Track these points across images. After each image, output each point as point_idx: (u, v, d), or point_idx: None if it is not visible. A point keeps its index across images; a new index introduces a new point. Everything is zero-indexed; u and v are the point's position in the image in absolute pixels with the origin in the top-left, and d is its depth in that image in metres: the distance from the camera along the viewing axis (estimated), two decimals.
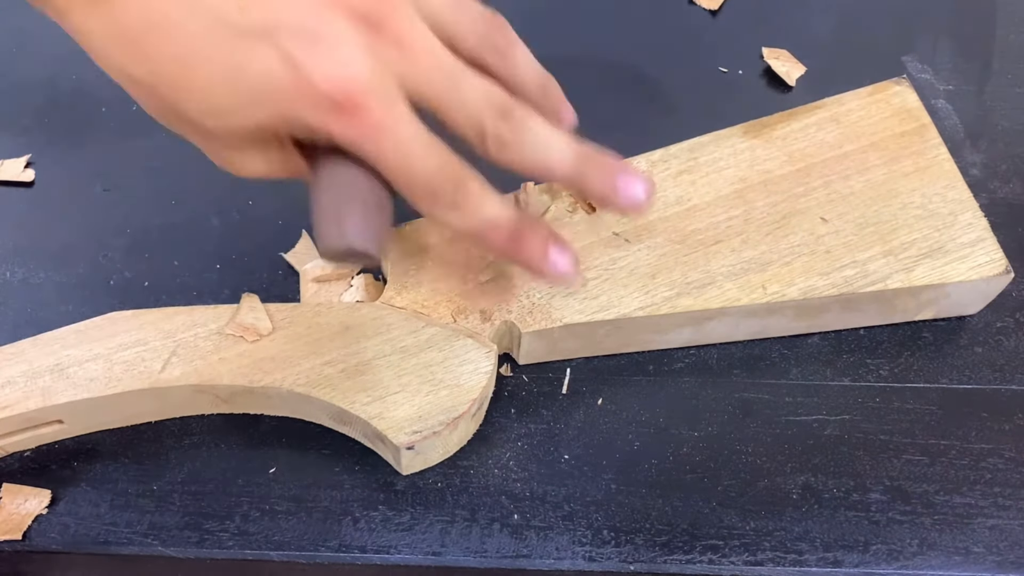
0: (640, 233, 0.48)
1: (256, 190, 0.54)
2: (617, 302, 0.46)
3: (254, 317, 0.44)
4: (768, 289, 0.46)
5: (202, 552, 0.43)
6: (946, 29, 0.63)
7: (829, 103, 0.53)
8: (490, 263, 0.47)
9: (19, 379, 0.43)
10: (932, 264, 0.47)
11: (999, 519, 0.44)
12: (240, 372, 0.43)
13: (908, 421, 0.47)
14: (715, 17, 0.63)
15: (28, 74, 0.59)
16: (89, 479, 0.45)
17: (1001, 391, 0.48)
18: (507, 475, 0.45)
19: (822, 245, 0.48)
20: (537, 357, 0.48)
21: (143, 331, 0.44)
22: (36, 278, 0.51)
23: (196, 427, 0.46)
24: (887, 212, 0.49)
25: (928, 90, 0.59)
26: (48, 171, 0.55)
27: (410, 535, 0.43)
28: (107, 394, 0.43)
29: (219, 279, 0.50)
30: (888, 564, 0.43)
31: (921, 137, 0.51)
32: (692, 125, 0.53)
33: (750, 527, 0.44)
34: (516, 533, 0.43)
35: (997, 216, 0.52)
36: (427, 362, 0.44)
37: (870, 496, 0.45)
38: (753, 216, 0.49)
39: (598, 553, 0.43)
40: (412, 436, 0.42)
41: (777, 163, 0.51)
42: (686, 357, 0.49)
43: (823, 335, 0.50)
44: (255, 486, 0.45)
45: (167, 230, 0.52)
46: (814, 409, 0.47)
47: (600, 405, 0.47)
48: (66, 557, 0.43)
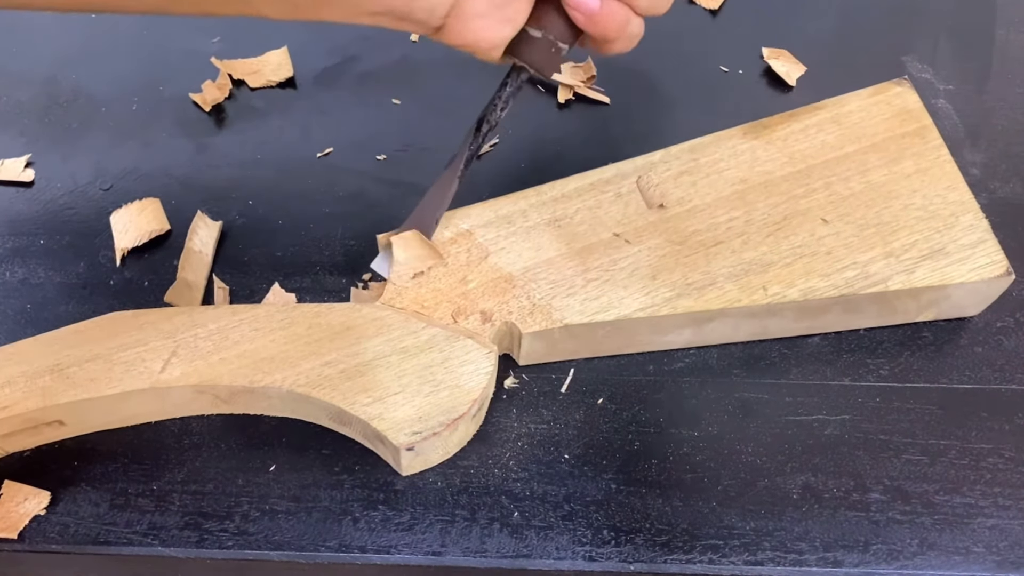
0: (641, 234, 0.48)
1: (256, 190, 0.54)
2: (617, 303, 0.46)
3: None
4: (769, 290, 0.46)
5: (202, 552, 0.43)
6: (946, 29, 0.63)
7: (830, 104, 0.53)
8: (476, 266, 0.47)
9: (19, 379, 0.43)
10: (933, 266, 0.47)
11: (999, 519, 0.44)
12: (240, 372, 0.43)
13: (908, 421, 0.47)
14: (715, 17, 0.63)
15: (28, 74, 0.59)
16: (89, 479, 0.44)
17: (1001, 391, 0.48)
18: (507, 475, 0.45)
19: (823, 246, 0.48)
20: (537, 358, 0.48)
21: (143, 331, 0.44)
22: (36, 278, 0.51)
23: (196, 427, 0.46)
24: (888, 213, 0.49)
25: (928, 90, 0.59)
26: (48, 171, 0.55)
27: (410, 535, 0.43)
28: (107, 394, 0.43)
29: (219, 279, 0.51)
30: (888, 564, 0.43)
31: (922, 138, 0.51)
32: (692, 125, 0.53)
33: (750, 527, 0.44)
34: (516, 533, 0.43)
35: (997, 216, 0.52)
36: (427, 363, 0.44)
37: (870, 496, 0.45)
38: (754, 217, 0.49)
39: (598, 553, 0.43)
40: (412, 437, 0.42)
41: (778, 164, 0.51)
42: (686, 357, 0.49)
43: (823, 335, 0.50)
44: (255, 486, 0.45)
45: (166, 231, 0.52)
46: (814, 409, 0.47)
47: (600, 405, 0.47)
48: (66, 557, 0.43)
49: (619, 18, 0.42)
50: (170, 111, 0.58)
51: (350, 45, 0.61)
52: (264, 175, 0.55)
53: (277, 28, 0.61)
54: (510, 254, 0.47)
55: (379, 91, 0.59)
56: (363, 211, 0.53)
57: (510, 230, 0.48)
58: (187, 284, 0.49)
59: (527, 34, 0.43)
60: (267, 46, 0.60)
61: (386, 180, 0.55)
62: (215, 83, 0.58)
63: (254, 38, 0.61)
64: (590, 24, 0.42)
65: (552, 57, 0.43)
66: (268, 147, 0.56)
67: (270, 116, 0.58)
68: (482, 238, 0.48)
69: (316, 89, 0.59)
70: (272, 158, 0.56)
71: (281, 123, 0.57)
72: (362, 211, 0.53)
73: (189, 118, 0.57)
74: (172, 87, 0.59)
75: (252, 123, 0.57)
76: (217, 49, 0.60)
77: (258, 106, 0.58)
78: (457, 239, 0.48)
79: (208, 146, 0.56)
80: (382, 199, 0.54)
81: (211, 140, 0.57)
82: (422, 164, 0.55)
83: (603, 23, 0.42)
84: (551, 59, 0.43)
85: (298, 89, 0.59)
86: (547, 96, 0.59)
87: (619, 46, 0.44)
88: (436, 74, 0.60)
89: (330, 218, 0.53)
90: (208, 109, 0.58)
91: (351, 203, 0.54)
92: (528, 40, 0.43)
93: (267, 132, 0.57)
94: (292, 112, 0.58)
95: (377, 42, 0.61)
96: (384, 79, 0.59)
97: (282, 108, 0.58)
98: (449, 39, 0.41)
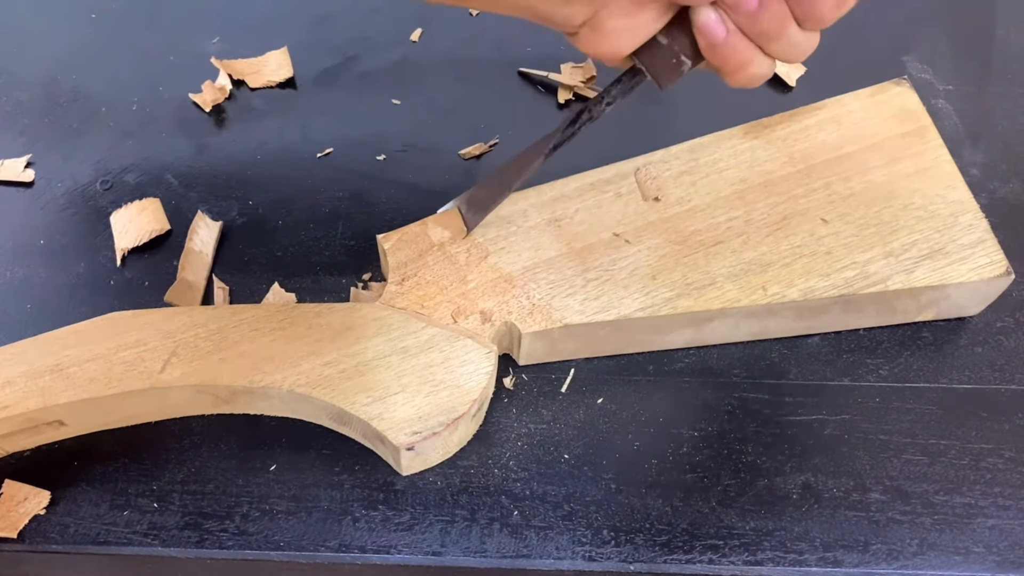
0: (640, 234, 0.48)
1: (256, 190, 0.54)
2: (617, 303, 0.46)
3: None
4: (768, 290, 0.46)
5: (202, 552, 0.43)
6: (946, 29, 0.63)
7: (830, 104, 0.53)
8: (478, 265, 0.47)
9: (19, 379, 0.43)
10: (933, 265, 0.47)
11: (999, 519, 0.44)
12: (240, 372, 0.43)
13: (908, 421, 0.47)
14: None
15: (28, 74, 0.59)
16: (89, 479, 0.44)
17: (1001, 391, 0.48)
18: (507, 475, 0.45)
19: (823, 246, 0.48)
20: (537, 358, 0.48)
21: (143, 331, 0.44)
22: (36, 278, 0.51)
23: (196, 427, 0.46)
24: (888, 213, 0.49)
25: (928, 90, 0.59)
26: (48, 171, 0.55)
27: (410, 535, 0.43)
28: (107, 394, 0.43)
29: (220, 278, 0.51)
30: (888, 564, 0.43)
31: (922, 138, 0.51)
32: (692, 125, 0.53)
33: (750, 527, 0.44)
34: (516, 533, 0.43)
35: (997, 216, 0.52)
36: (427, 363, 0.44)
37: (870, 496, 0.45)
38: (753, 217, 0.49)
39: (598, 553, 0.43)
40: (412, 437, 0.42)
41: (778, 164, 0.51)
42: (686, 357, 0.49)
43: (823, 335, 0.50)
44: (255, 486, 0.45)
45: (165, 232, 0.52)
46: (814, 409, 0.47)
47: (600, 405, 0.47)
48: (66, 557, 0.43)
49: (742, 55, 0.41)
50: (170, 111, 0.58)
51: (350, 45, 0.61)
52: (264, 175, 0.55)
53: (277, 28, 0.61)
54: (510, 254, 0.47)
55: (379, 91, 0.59)
56: (363, 211, 0.53)
57: (510, 230, 0.48)
58: (187, 284, 0.49)
59: (654, 40, 0.41)
60: (267, 46, 0.60)
61: (386, 180, 0.55)
62: (215, 83, 0.58)
63: (254, 38, 0.61)
64: (711, 52, 0.41)
65: (673, 68, 0.42)
66: (268, 147, 0.56)
67: (270, 116, 0.58)
68: (482, 238, 0.48)
69: (316, 89, 0.59)
70: (272, 158, 0.56)
71: (281, 123, 0.57)
72: (362, 211, 0.53)
73: (189, 118, 0.57)
74: (172, 87, 0.59)
75: (252, 123, 0.57)
76: (217, 49, 0.60)
77: (258, 106, 0.58)
78: (456, 239, 0.48)
79: (208, 146, 0.56)
80: (382, 199, 0.54)
81: (211, 140, 0.57)
82: (422, 164, 0.55)
83: (724, 55, 0.41)
84: (671, 69, 0.42)
85: (298, 89, 0.59)
86: (547, 96, 0.59)
87: (740, 81, 0.43)
88: (436, 74, 0.60)
89: (330, 218, 0.53)
90: (208, 109, 0.58)
91: (351, 203, 0.54)
92: (654, 45, 0.42)
93: (267, 132, 0.57)
94: (292, 112, 0.58)
95: (377, 42, 0.61)
96: (384, 79, 0.59)
97: (282, 108, 0.58)
98: (579, 46, 0.41)
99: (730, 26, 0.40)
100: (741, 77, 0.42)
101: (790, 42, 0.41)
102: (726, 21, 0.40)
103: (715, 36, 0.40)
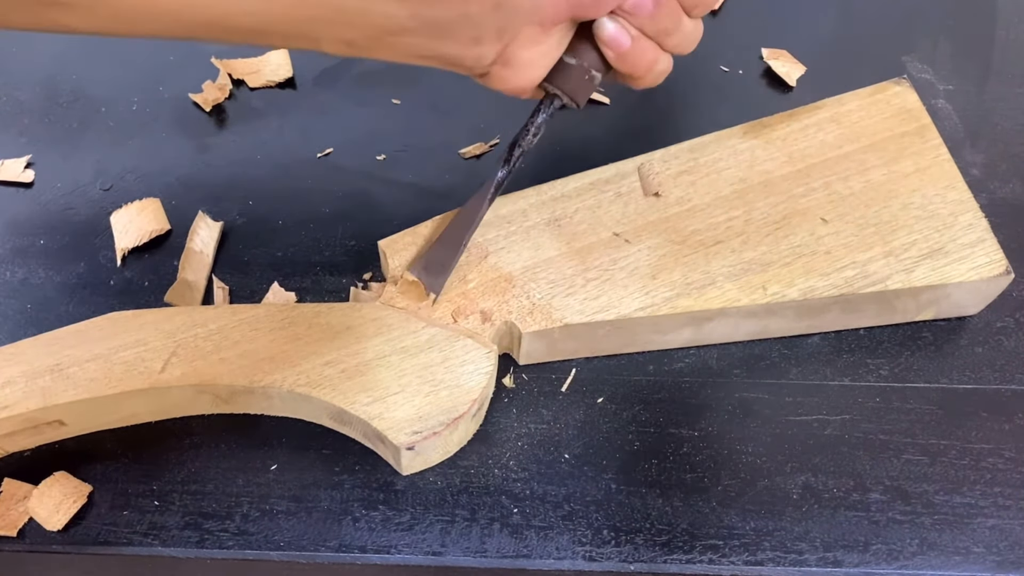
0: (640, 234, 0.48)
1: (256, 190, 0.54)
2: (617, 303, 0.46)
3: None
4: (768, 290, 0.46)
5: (202, 552, 0.43)
6: (946, 29, 0.63)
7: (829, 103, 0.53)
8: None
9: (19, 379, 0.43)
10: (932, 265, 0.47)
11: (999, 519, 0.44)
12: (240, 372, 0.43)
13: (908, 421, 0.47)
14: (715, 17, 0.63)
15: (28, 74, 0.59)
16: (89, 479, 0.44)
17: (1001, 391, 0.48)
18: (507, 475, 0.45)
19: (822, 246, 0.48)
20: (537, 357, 0.48)
21: (143, 331, 0.44)
22: (36, 278, 0.51)
23: (196, 427, 0.46)
24: (887, 213, 0.49)
25: (928, 90, 0.59)
26: (48, 171, 0.55)
27: (410, 535, 0.43)
28: (107, 394, 0.43)
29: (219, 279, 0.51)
30: (888, 564, 0.43)
31: (921, 137, 0.51)
32: (692, 125, 0.53)
33: (750, 527, 0.44)
34: (516, 533, 0.43)
35: (997, 216, 0.52)
36: (427, 363, 0.44)
37: (870, 496, 0.45)
38: (753, 217, 0.49)
39: (598, 553, 0.43)
40: (412, 436, 0.42)
41: (777, 164, 0.51)
42: (686, 357, 0.49)
43: (823, 335, 0.50)
44: (255, 486, 0.45)
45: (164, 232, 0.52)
46: (814, 409, 0.47)
47: (600, 405, 0.47)
48: (66, 557, 0.43)
49: (648, 57, 0.42)
50: (170, 111, 0.58)
51: None
52: (264, 175, 0.55)
53: None
54: (510, 254, 0.47)
55: (379, 91, 0.59)
56: (363, 211, 0.53)
57: (510, 230, 0.48)
58: (187, 284, 0.49)
59: (562, 62, 0.42)
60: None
61: (386, 180, 0.55)
62: (215, 83, 0.58)
63: None
64: (620, 61, 0.42)
65: (586, 84, 0.43)
66: (268, 147, 0.56)
67: (270, 116, 0.58)
68: (482, 238, 0.48)
69: (316, 89, 0.59)
70: (272, 158, 0.56)
71: (281, 123, 0.57)
72: (362, 211, 0.53)
73: (189, 118, 0.57)
74: (172, 87, 0.59)
75: (252, 123, 0.57)
76: (217, 49, 0.60)
77: (258, 106, 0.58)
78: None
79: (208, 146, 0.56)
80: (382, 199, 0.54)
81: (211, 140, 0.57)
82: (422, 164, 0.55)
83: (633, 61, 0.42)
84: (584, 86, 0.43)
85: (298, 89, 0.59)
86: None
87: (647, 82, 0.44)
88: (436, 74, 0.59)
89: (330, 218, 0.53)
90: (208, 109, 0.58)
91: (351, 203, 0.54)
92: (563, 67, 0.43)
93: (267, 132, 0.57)
94: (292, 112, 0.58)
95: None
96: (384, 79, 0.59)
97: (282, 108, 0.58)
98: (493, 85, 0.42)
99: (632, 32, 0.41)
100: (649, 78, 0.44)
101: (683, 33, 0.43)
102: (628, 28, 0.41)
103: (621, 45, 0.41)
